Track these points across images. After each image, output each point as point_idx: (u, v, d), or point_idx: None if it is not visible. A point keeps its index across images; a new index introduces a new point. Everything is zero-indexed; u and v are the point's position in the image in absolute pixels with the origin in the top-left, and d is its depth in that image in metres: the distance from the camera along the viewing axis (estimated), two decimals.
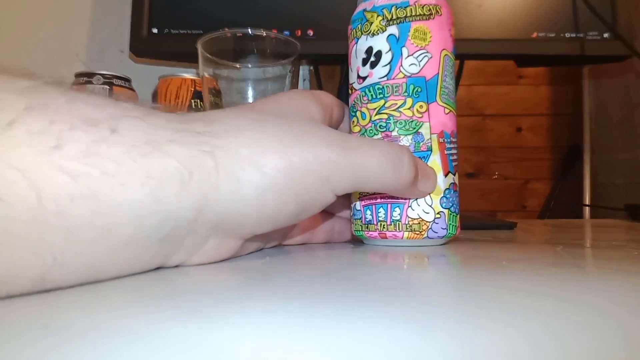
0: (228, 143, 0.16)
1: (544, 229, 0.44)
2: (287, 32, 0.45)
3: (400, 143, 0.25)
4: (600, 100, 1.14)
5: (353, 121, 0.27)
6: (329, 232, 0.29)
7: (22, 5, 0.64)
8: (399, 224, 0.25)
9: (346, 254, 0.24)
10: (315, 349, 0.09)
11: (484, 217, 0.56)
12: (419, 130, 0.25)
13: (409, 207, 0.24)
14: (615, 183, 1.03)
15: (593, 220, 0.74)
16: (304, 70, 0.66)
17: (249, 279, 0.18)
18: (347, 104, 0.45)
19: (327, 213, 0.29)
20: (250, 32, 0.29)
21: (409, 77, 0.25)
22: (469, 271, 0.19)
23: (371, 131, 0.26)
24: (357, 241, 0.29)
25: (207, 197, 0.16)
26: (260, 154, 0.17)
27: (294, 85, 0.31)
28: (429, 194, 0.24)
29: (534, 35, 0.47)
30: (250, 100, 0.30)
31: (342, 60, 0.53)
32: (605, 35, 0.47)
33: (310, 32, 0.46)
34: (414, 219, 0.24)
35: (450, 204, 0.25)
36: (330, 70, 0.64)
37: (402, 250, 0.24)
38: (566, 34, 0.47)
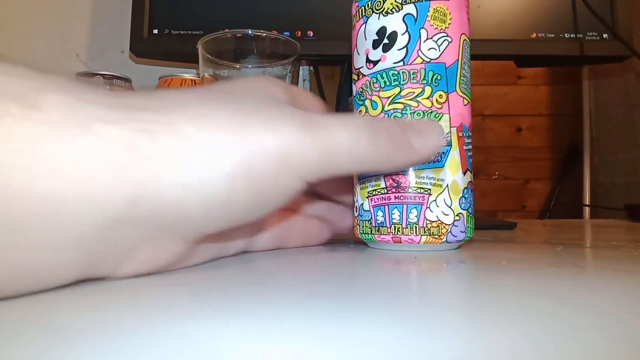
0: (169, 120, 0.14)
1: (543, 229, 0.44)
2: (287, 33, 0.45)
3: None
4: (600, 100, 1.14)
5: (360, 111, 0.25)
6: (304, 233, 0.25)
7: (22, 6, 0.64)
8: (416, 227, 0.23)
9: (345, 254, 0.24)
10: (315, 349, 0.09)
11: (484, 217, 0.56)
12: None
13: (427, 208, 0.22)
14: (615, 183, 1.03)
15: (593, 220, 0.74)
16: (304, 71, 0.66)
17: (249, 279, 0.18)
18: (348, 104, 0.45)
19: (299, 212, 0.25)
20: (250, 33, 0.29)
21: (428, 62, 0.23)
22: (468, 271, 0.19)
23: None
24: (359, 241, 0.29)
25: (141, 186, 0.13)
26: (207, 133, 0.14)
27: (294, 85, 0.31)
28: (435, 155, 0.21)
29: (534, 35, 0.47)
30: None
31: (342, 61, 0.53)
32: (605, 35, 0.47)
33: (310, 33, 0.46)
34: (433, 221, 0.22)
35: (469, 205, 0.23)
36: (330, 70, 0.64)
37: (403, 253, 0.24)
38: (565, 35, 0.47)
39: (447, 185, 0.23)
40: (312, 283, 0.17)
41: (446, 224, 0.23)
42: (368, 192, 0.24)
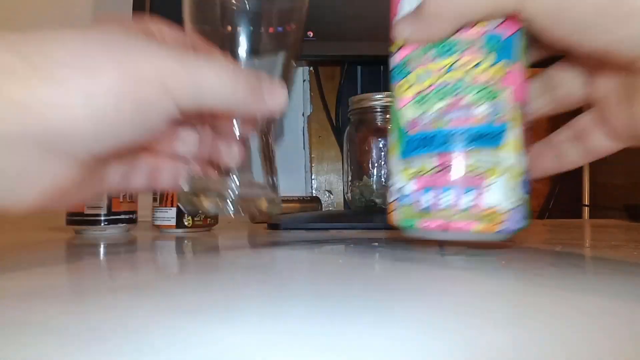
0: (47, 49, 0.15)
1: (543, 229, 0.44)
2: None
3: (475, 112, 0.20)
4: None
5: (401, 85, 0.22)
6: (174, 174, 0.25)
7: (22, 6, 0.64)
8: (470, 213, 0.20)
9: (345, 254, 0.24)
10: (316, 349, 0.09)
11: None
12: (499, 97, 0.20)
13: (482, 192, 0.20)
14: (615, 183, 1.03)
15: (592, 220, 0.74)
16: (304, 71, 0.66)
17: (249, 280, 0.18)
18: (348, 103, 0.45)
19: (168, 154, 0.25)
20: None
21: (488, 30, 0.20)
22: (468, 271, 0.19)
23: (436, 96, 0.20)
24: (359, 241, 0.29)
25: (24, 106, 0.14)
26: (88, 60, 0.16)
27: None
28: (280, 110, 0.21)
29: None
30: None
31: (342, 61, 0.53)
32: None
33: (310, 34, 0.46)
34: (491, 207, 0.19)
35: (528, 189, 0.21)
36: (330, 70, 0.64)
37: (403, 252, 0.24)
38: None
39: (506, 167, 0.20)
40: (311, 283, 0.17)
41: (505, 210, 0.20)
42: (412, 173, 0.21)
